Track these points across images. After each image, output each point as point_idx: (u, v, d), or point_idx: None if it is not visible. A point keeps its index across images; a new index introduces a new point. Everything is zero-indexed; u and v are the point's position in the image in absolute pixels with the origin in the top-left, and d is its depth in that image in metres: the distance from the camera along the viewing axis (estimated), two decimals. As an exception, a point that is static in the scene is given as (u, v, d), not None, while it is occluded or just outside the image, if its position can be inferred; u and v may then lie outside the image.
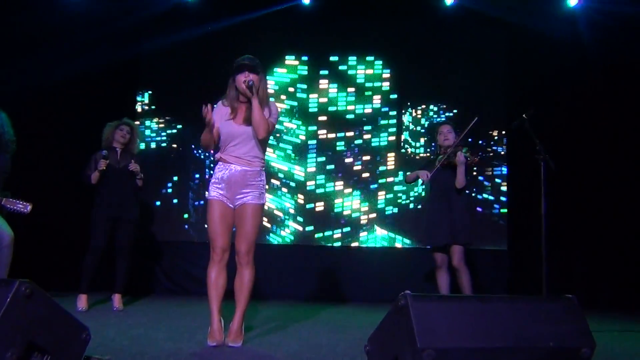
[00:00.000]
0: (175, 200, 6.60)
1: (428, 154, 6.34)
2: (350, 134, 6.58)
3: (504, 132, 6.43)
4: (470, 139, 4.71)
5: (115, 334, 3.50)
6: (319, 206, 6.49)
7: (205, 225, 4.15)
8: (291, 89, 6.67)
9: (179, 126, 6.68)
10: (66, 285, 5.36)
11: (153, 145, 6.66)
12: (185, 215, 6.58)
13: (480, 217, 6.32)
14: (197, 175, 6.63)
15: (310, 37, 6.72)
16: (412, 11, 6.48)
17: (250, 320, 4.10)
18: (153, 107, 6.72)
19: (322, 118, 6.61)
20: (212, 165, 6.60)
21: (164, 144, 6.68)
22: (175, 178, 6.63)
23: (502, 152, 6.44)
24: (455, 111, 6.51)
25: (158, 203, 6.57)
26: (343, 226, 6.46)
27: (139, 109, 6.69)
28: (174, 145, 6.68)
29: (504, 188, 6.40)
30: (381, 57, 6.68)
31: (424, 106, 6.59)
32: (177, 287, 6.37)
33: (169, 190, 6.62)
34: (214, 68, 6.57)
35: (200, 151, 6.60)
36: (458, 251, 4.43)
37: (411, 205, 6.43)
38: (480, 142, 6.41)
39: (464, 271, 4.41)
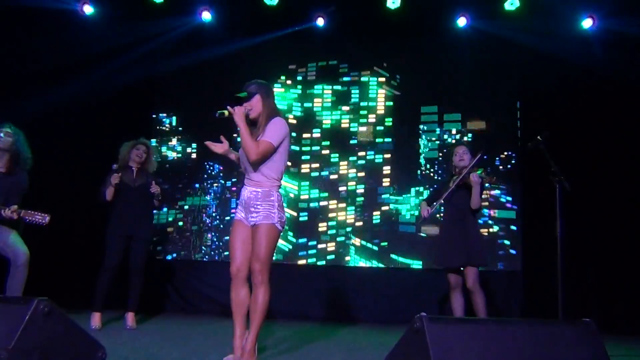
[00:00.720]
0: (188, 218, 6.64)
1: (435, 176, 6.33)
2: (362, 153, 6.60)
3: (516, 153, 6.40)
4: (485, 156, 4.69)
5: (129, 352, 3.51)
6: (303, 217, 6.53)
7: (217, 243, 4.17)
8: (298, 105, 6.75)
9: (194, 145, 6.75)
10: (79, 303, 5.38)
11: (168, 162, 6.74)
12: (198, 233, 6.61)
13: (495, 238, 6.27)
14: (211, 193, 6.66)
15: (321, 57, 6.80)
16: (424, 33, 6.53)
17: (263, 341, 4.08)
18: (168, 127, 6.79)
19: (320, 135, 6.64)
20: (225, 183, 6.67)
21: (178, 162, 6.74)
22: (188, 198, 6.67)
23: (515, 173, 6.40)
24: (469, 134, 6.50)
25: (171, 218, 6.61)
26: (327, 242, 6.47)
27: (156, 128, 6.78)
28: (189, 165, 6.74)
29: (515, 208, 6.35)
30: (393, 77, 6.71)
31: (437, 129, 6.59)
32: (189, 306, 6.37)
33: (185, 207, 6.66)
34: (229, 88, 6.73)
35: (212, 169, 6.66)
36: (472, 273, 4.40)
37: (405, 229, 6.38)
38: (495, 162, 6.40)
39: (478, 293, 4.38)
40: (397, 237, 6.41)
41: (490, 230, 6.30)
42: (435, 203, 4.62)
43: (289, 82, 6.81)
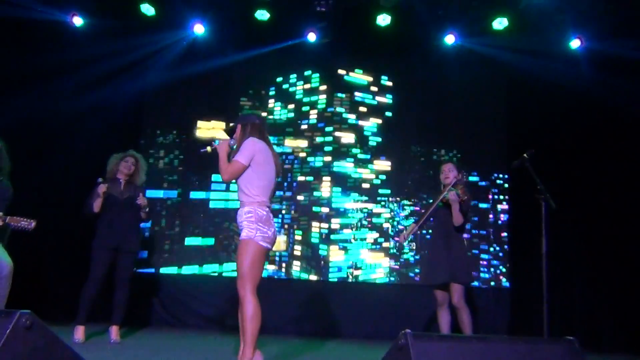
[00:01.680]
0: (174, 231, 6.60)
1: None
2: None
3: (505, 172, 6.46)
4: (464, 174, 4.76)
5: (112, 367, 3.47)
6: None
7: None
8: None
9: (181, 157, 6.73)
10: (63, 316, 5.32)
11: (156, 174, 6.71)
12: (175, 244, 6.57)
13: (482, 256, 6.30)
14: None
15: (312, 71, 6.85)
16: (413, 50, 6.60)
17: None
18: (158, 139, 6.77)
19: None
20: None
21: (166, 173, 6.71)
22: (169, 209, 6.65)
23: (503, 192, 6.46)
24: (455, 152, 6.56)
25: (156, 229, 6.57)
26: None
27: (143, 141, 6.75)
28: (175, 177, 6.71)
29: (505, 226, 6.40)
30: (381, 95, 6.76)
31: (423, 147, 6.64)
32: (174, 320, 6.30)
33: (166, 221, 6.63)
34: (217, 102, 6.75)
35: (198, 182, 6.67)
36: (457, 290, 4.43)
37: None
38: (483, 183, 6.45)
39: (464, 310, 4.41)
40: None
41: (478, 247, 6.33)
42: (413, 231, 4.76)
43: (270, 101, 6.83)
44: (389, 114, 6.74)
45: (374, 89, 6.80)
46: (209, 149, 3.65)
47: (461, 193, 4.51)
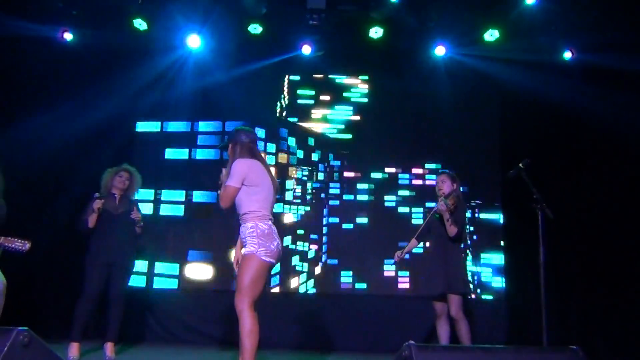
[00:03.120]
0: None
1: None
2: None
3: (498, 182, 6.47)
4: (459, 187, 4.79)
5: (108, 384, 3.42)
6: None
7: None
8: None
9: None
10: (57, 333, 5.24)
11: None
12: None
13: (478, 266, 6.29)
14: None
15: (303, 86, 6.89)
16: (405, 62, 6.62)
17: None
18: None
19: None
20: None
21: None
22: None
23: (496, 202, 6.47)
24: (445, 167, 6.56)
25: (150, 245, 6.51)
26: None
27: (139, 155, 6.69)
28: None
29: (499, 237, 6.41)
30: (372, 109, 6.78)
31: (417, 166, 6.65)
32: (170, 335, 6.22)
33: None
34: (215, 116, 6.73)
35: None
36: (455, 301, 4.43)
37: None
38: (474, 191, 6.47)
39: (462, 321, 4.40)
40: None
41: (475, 257, 6.33)
42: (411, 247, 4.88)
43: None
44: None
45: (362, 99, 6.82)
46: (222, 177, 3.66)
47: (450, 203, 4.51)
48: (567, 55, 6.21)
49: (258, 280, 3.33)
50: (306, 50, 6.41)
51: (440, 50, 6.36)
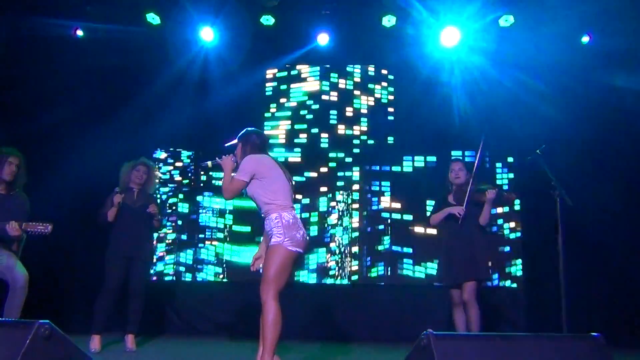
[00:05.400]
0: (184, 237, 6.61)
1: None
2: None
3: (514, 168, 6.41)
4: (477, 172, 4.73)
5: (129, 375, 3.46)
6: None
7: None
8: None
9: (192, 165, 6.74)
10: (79, 326, 5.32)
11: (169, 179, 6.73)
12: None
13: (497, 255, 6.24)
14: (210, 214, 6.64)
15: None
16: (417, 49, 6.49)
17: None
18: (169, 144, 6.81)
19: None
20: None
21: (178, 179, 6.74)
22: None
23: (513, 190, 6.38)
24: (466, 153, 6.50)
25: (172, 238, 6.56)
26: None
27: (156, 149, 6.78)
28: (186, 181, 6.72)
29: (516, 225, 6.35)
30: (385, 97, 6.77)
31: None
32: (189, 327, 6.28)
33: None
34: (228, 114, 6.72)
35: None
36: (472, 286, 4.38)
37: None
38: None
39: (473, 306, 4.36)
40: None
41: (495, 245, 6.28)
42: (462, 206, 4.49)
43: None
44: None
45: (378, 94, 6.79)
46: (209, 163, 3.72)
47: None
48: (585, 39, 6.08)
49: (284, 271, 3.32)
50: (323, 39, 6.35)
51: (455, 38, 6.21)
